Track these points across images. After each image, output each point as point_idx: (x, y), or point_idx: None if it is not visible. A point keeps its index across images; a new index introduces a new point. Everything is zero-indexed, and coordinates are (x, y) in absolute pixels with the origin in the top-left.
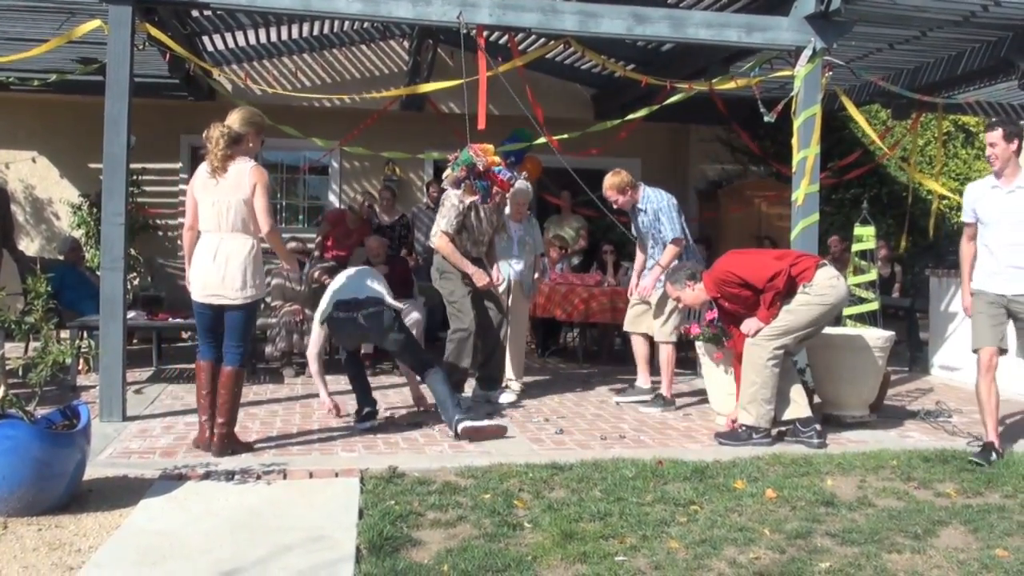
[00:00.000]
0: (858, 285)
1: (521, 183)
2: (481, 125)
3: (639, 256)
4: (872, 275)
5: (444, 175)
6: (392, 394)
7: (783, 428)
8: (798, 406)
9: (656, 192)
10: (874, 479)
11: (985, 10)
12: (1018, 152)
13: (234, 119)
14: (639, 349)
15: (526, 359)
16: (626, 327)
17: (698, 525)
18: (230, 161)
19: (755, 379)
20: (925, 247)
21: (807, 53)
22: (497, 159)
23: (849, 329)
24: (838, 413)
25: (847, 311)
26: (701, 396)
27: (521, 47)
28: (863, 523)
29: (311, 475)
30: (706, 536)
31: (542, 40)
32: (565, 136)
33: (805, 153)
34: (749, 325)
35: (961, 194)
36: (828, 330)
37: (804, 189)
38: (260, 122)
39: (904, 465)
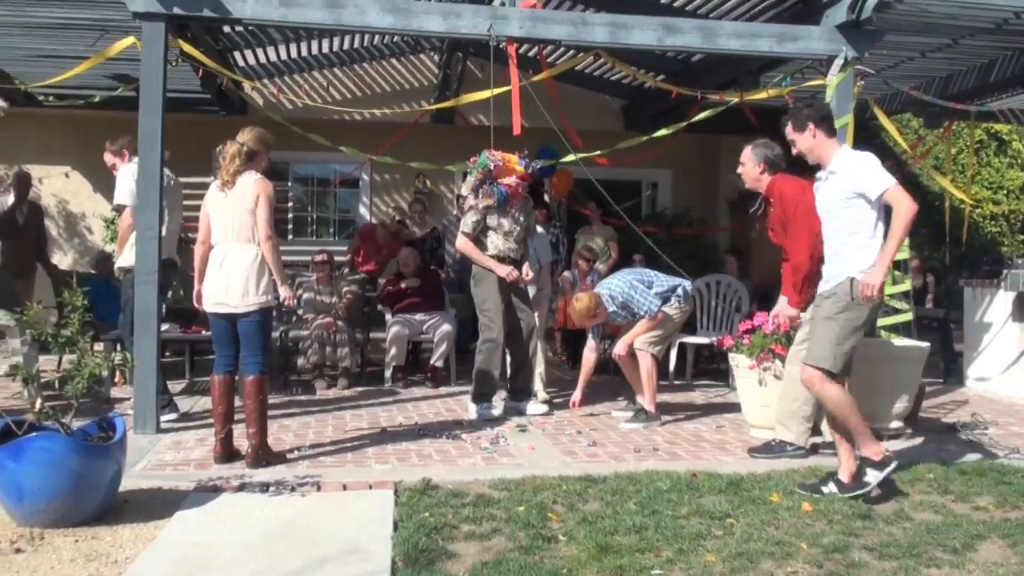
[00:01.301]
0: (892, 296)
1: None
2: (516, 131)
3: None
4: (906, 286)
5: (464, 183)
6: (424, 406)
7: (818, 440)
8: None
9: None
10: (911, 492)
11: (1017, 17)
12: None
13: (249, 137)
14: (642, 367)
15: (556, 371)
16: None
17: (734, 539)
18: (239, 175)
19: (797, 395)
20: (959, 257)
21: (839, 62)
22: (520, 168)
23: (884, 340)
24: (873, 426)
25: (881, 322)
26: (734, 409)
27: (550, 59)
28: (901, 537)
29: (345, 487)
30: (743, 550)
31: (571, 52)
32: (598, 153)
33: None
34: (785, 312)
35: (995, 203)
36: (863, 342)
37: None
38: (271, 142)
39: (941, 478)
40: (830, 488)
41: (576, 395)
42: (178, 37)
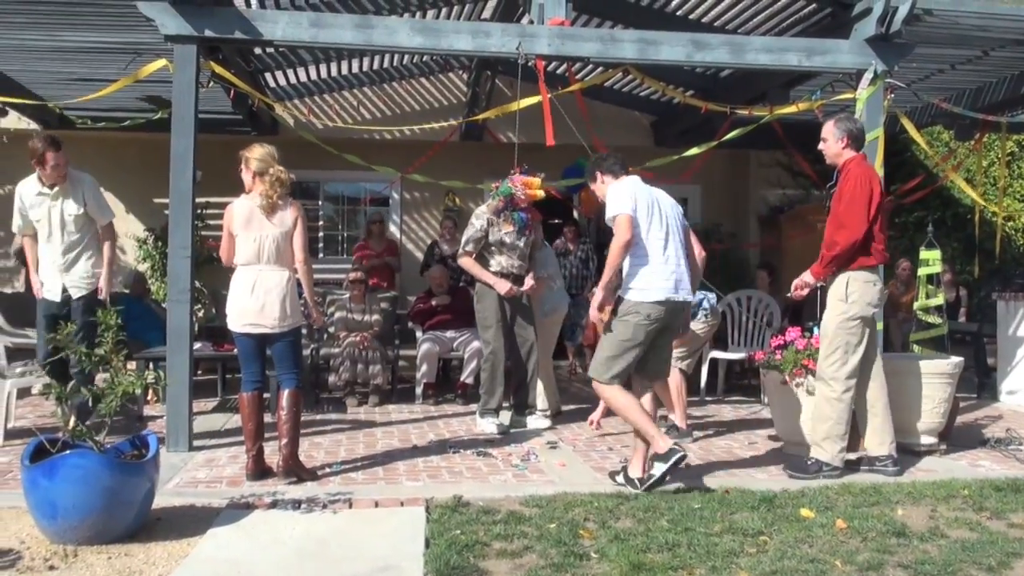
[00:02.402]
0: (925, 310)
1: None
2: (550, 141)
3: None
4: (940, 299)
5: (483, 211)
6: (455, 423)
7: (854, 457)
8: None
9: None
10: (945, 509)
11: None
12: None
13: (279, 167)
14: (671, 383)
15: (588, 389)
16: None
17: (768, 556)
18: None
19: (828, 414)
20: (991, 270)
21: (868, 76)
22: (541, 193)
23: (917, 355)
24: (906, 441)
25: (914, 336)
26: (767, 425)
27: (579, 75)
28: (936, 555)
29: (377, 504)
30: (776, 568)
31: (600, 68)
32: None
33: None
34: (804, 278)
35: None
36: (896, 357)
37: None
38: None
39: (976, 495)
40: (619, 479)
41: (595, 414)
42: (209, 59)
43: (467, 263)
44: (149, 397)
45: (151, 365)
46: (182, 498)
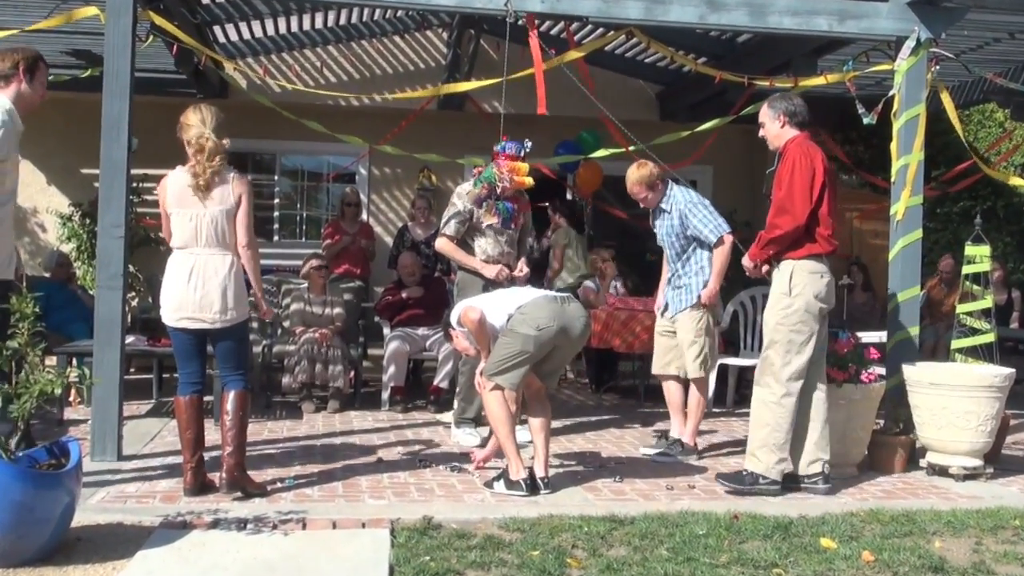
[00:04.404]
0: (970, 314)
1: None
2: (541, 109)
3: (665, 270)
4: (987, 302)
5: (466, 191)
6: (426, 433)
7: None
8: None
9: (683, 191)
10: (992, 541)
11: None
12: None
13: (214, 127)
14: (673, 396)
15: (580, 396)
16: (656, 370)
17: None
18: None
19: (767, 420)
20: None
21: (910, 44)
22: (529, 180)
23: (960, 365)
24: (945, 463)
25: (956, 344)
26: None
27: (577, 37)
28: None
29: (335, 525)
30: None
31: (600, 30)
32: (631, 148)
33: (906, 160)
34: (744, 260)
35: None
36: (935, 366)
37: (905, 202)
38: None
39: None
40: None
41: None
42: (149, 8)
43: (446, 247)
44: (71, 398)
45: (74, 361)
46: (108, 515)
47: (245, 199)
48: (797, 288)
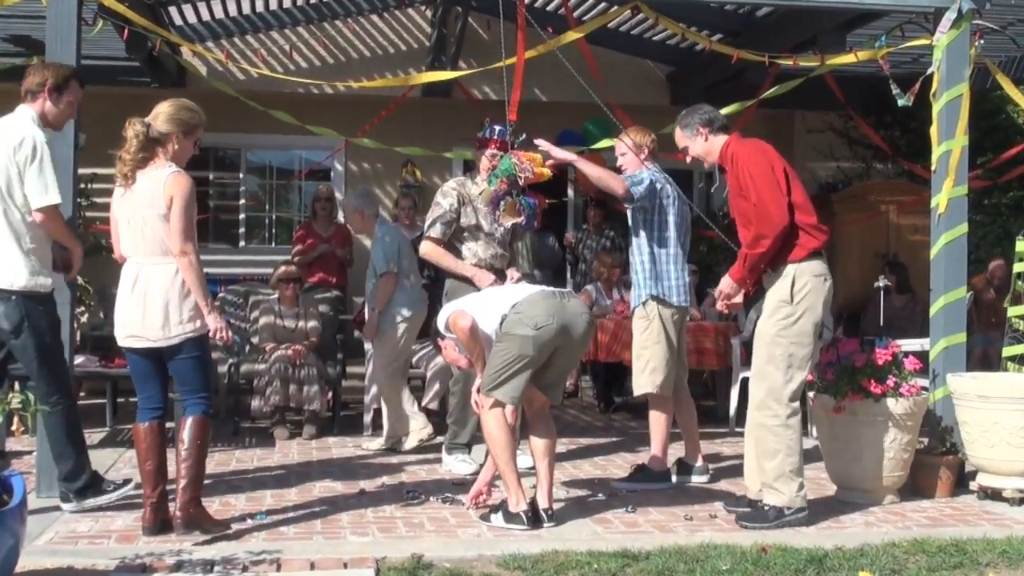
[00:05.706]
0: (1021, 317)
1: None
2: (512, 116)
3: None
4: None
5: (479, 192)
6: (414, 460)
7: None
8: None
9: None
10: None
11: None
12: None
13: (159, 114)
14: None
15: (586, 416)
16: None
17: None
18: (142, 168)
19: (776, 446)
20: None
21: (950, 16)
22: (547, 172)
23: (1013, 375)
24: (998, 485)
25: (1007, 351)
26: (814, 459)
27: (577, 14)
28: None
29: (313, 566)
30: None
31: (603, 5)
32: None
33: (949, 146)
34: (723, 285)
35: None
36: (985, 377)
37: (948, 192)
38: (192, 120)
39: None
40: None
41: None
42: None
43: (433, 252)
44: (14, 427)
45: (16, 385)
46: (57, 558)
47: (179, 200)
48: (801, 295)
